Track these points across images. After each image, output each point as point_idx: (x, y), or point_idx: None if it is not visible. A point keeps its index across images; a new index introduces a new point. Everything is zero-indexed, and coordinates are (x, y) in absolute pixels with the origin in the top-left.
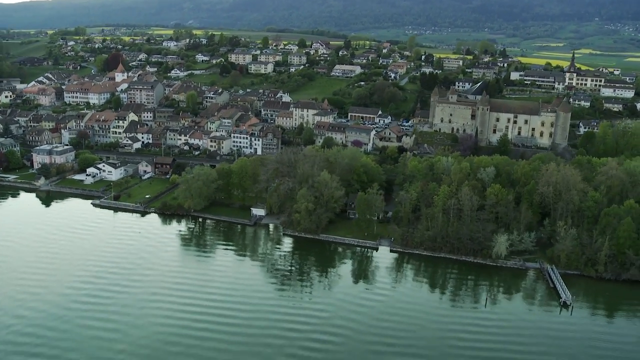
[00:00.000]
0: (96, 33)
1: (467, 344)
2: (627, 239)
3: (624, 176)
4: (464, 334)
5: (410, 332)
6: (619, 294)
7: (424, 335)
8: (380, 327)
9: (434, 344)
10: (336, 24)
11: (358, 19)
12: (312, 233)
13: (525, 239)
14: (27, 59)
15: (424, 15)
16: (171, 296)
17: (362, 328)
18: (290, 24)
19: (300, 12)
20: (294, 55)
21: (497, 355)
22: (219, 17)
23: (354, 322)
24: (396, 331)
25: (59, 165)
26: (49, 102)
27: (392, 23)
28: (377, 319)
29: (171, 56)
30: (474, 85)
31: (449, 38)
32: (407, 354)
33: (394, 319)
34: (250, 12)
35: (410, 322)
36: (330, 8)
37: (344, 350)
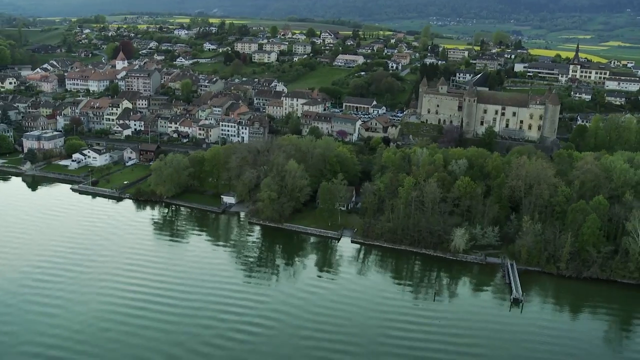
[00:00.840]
0: (119, 21)
1: (402, 335)
2: (591, 236)
3: (599, 171)
4: (401, 327)
5: (347, 321)
6: (575, 292)
7: (358, 326)
8: (316, 316)
9: (365, 335)
10: (360, 14)
11: (382, 9)
12: (275, 222)
13: (489, 233)
14: (41, 46)
15: (449, 6)
16: (119, 276)
17: (298, 316)
18: (314, 13)
19: (324, 1)
20: (299, 44)
21: (430, 348)
22: (244, 6)
23: (292, 310)
24: (332, 318)
25: (47, 150)
26: (51, 89)
27: (416, 14)
28: (315, 308)
29: (180, 44)
30: (475, 76)
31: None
32: (335, 341)
33: (333, 308)
34: (274, 1)
35: (349, 312)
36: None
37: (274, 335)
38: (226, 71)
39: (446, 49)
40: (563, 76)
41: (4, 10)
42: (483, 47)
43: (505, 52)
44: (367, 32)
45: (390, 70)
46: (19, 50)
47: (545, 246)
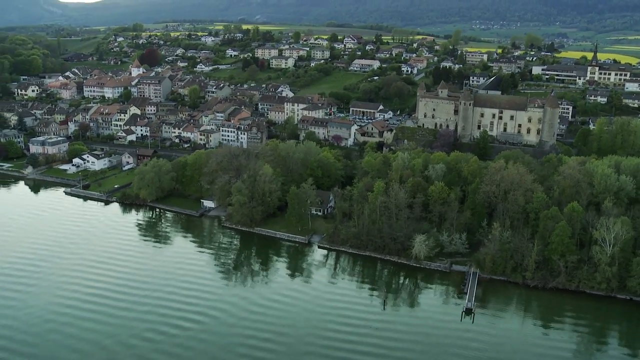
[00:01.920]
0: (160, 29)
1: (335, 339)
2: (559, 245)
3: (581, 177)
4: (338, 332)
5: (282, 321)
6: (536, 303)
7: (291, 328)
8: (251, 321)
9: (295, 337)
10: (402, 19)
11: (425, 13)
12: (247, 226)
13: (456, 240)
14: (74, 55)
15: (492, 9)
16: (81, 272)
17: (234, 314)
18: (356, 18)
19: (366, 6)
20: (318, 50)
21: (364, 352)
22: (286, 12)
23: (231, 308)
24: (269, 317)
25: (50, 155)
26: (69, 96)
27: (459, 17)
28: (255, 307)
29: (205, 51)
30: (489, 79)
31: (516, 33)
32: (264, 340)
33: (273, 308)
34: (316, 6)
35: (289, 318)
36: (396, 3)
37: (206, 331)
38: (242, 77)
39: (464, 52)
40: (581, 78)
41: (56, 21)
42: (505, 50)
43: (527, 55)
44: (396, 37)
45: (404, 75)
46: (51, 59)
47: (512, 254)
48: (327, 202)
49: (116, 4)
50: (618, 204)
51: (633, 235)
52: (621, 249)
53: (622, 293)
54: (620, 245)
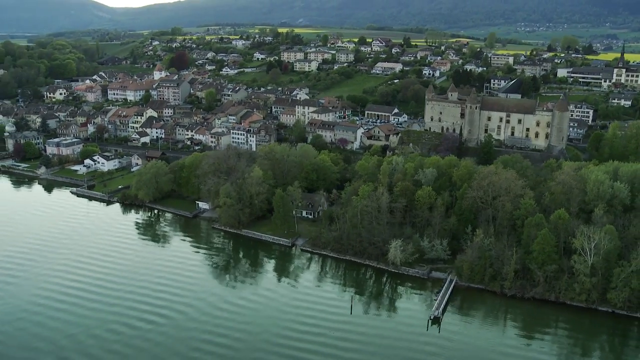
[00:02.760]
0: (201, 32)
1: (290, 345)
2: (541, 253)
3: (575, 183)
4: (296, 337)
5: (245, 326)
6: (511, 313)
7: (252, 332)
8: (215, 317)
9: (253, 339)
10: (445, 22)
11: (468, 15)
12: (234, 228)
13: (437, 246)
14: (110, 58)
15: (539, 11)
16: (64, 265)
17: (198, 315)
18: (399, 21)
19: (409, 9)
20: (343, 52)
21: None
22: (328, 15)
23: (200, 304)
24: (235, 315)
25: (64, 156)
26: (94, 99)
27: (504, 20)
28: (224, 305)
29: (234, 54)
30: (510, 82)
31: (562, 35)
32: (222, 345)
33: (238, 311)
34: (359, 10)
35: (252, 317)
36: (440, 5)
37: (172, 326)
38: (264, 80)
39: (489, 55)
40: (606, 81)
41: (105, 26)
42: (534, 53)
43: (557, 57)
44: (429, 40)
45: (424, 78)
46: (85, 63)
47: (491, 262)
48: (318, 205)
49: (162, 8)
50: (611, 212)
51: (619, 245)
52: (604, 259)
53: (604, 305)
54: (602, 255)
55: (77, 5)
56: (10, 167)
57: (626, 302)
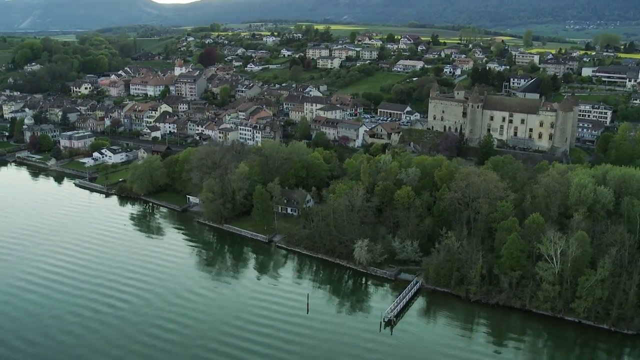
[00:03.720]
0: (244, 29)
1: (233, 341)
2: (509, 258)
3: (558, 186)
4: (242, 333)
5: (193, 320)
6: (472, 318)
7: (198, 326)
8: (170, 308)
9: (200, 335)
10: (492, 19)
11: (515, 13)
12: (217, 222)
13: (407, 247)
14: (143, 54)
15: (589, 8)
16: (46, 250)
17: (156, 303)
18: (444, 19)
19: (455, 7)
20: (367, 50)
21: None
22: (373, 13)
23: (151, 297)
24: (186, 310)
25: (75, 148)
26: (117, 94)
27: (552, 17)
28: (175, 299)
29: (262, 51)
30: (530, 81)
31: (614, 32)
32: (170, 331)
33: (193, 303)
34: (404, 7)
35: (205, 311)
36: (486, 3)
37: (134, 312)
38: (286, 77)
39: (514, 54)
40: (631, 80)
41: (153, 22)
42: (563, 51)
43: (586, 56)
44: (463, 37)
45: (443, 76)
46: (118, 58)
47: (460, 266)
48: (303, 202)
49: (208, 5)
50: (592, 218)
51: (590, 252)
52: (573, 266)
53: (571, 315)
54: (571, 262)
55: (126, 2)
56: (25, 158)
57: (590, 312)
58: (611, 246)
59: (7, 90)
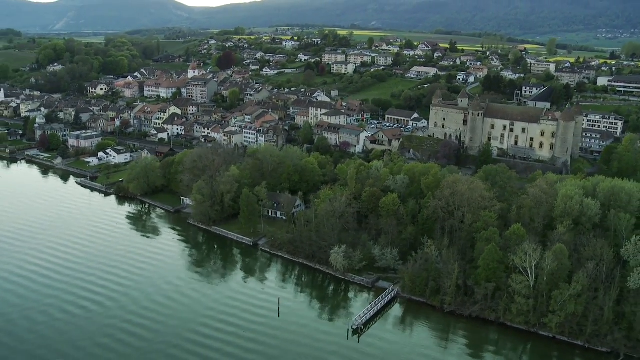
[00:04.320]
0: (270, 33)
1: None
2: (485, 270)
3: (545, 197)
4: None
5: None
6: (444, 329)
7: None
8: (139, 311)
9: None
10: (521, 27)
11: (545, 21)
12: (205, 224)
13: (387, 255)
14: (164, 56)
15: (623, 16)
16: (35, 244)
17: (128, 304)
18: (472, 26)
19: (484, 14)
20: (382, 56)
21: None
22: (402, 19)
23: (121, 297)
24: (152, 313)
25: (81, 148)
26: (131, 95)
27: (583, 26)
28: (151, 301)
29: (280, 55)
30: (542, 89)
31: None
32: (133, 335)
33: (167, 303)
34: (433, 13)
35: (176, 310)
36: (516, 10)
37: (104, 314)
38: (299, 81)
39: (529, 62)
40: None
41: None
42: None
43: (605, 65)
44: (485, 45)
45: (455, 83)
46: (138, 60)
47: (437, 275)
48: (291, 206)
49: (237, 8)
50: (578, 230)
51: (568, 265)
52: (549, 280)
53: (545, 330)
54: (547, 275)
55: (157, 5)
56: (34, 156)
57: (564, 327)
58: (590, 260)
59: (27, 90)
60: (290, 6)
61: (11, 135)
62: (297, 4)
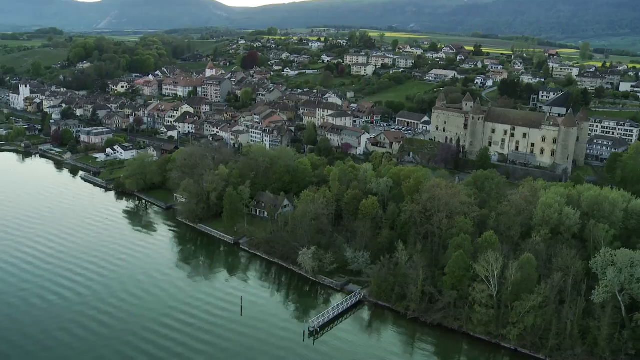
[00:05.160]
0: (304, 33)
1: (155, 338)
2: (451, 277)
3: (526, 205)
4: (165, 331)
5: (116, 320)
6: (402, 336)
7: (124, 323)
8: (98, 304)
9: (118, 333)
10: (563, 31)
11: (589, 25)
12: (192, 221)
13: (358, 258)
14: (192, 55)
15: None
16: (26, 235)
17: (83, 301)
18: (513, 29)
19: (525, 17)
20: (403, 58)
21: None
22: (440, 22)
23: (84, 292)
24: (102, 314)
25: (91, 144)
26: (149, 93)
27: (629, 30)
28: (107, 299)
29: (305, 56)
30: (559, 95)
31: None
32: (88, 329)
33: (125, 302)
34: (472, 16)
35: (130, 310)
36: (558, 14)
37: (77, 302)
38: (317, 82)
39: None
40: None
41: (222, 24)
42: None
43: (633, 70)
44: (516, 49)
45: (471, 87)
46: (166, 58)
47: (405, 281)
48: (277, 206)
49: (276, 9)
50: (558, 240)
51: (535, 276)
52: (513, 291)
53: (507, 341)
54: (511, 286)
55: (198, 4)
56: (46, 151)
57: (525, 340)
58: (557, 272)
59: (54, 87)
60: (330, 7)
61: (30, 130)
62: (336, 5)
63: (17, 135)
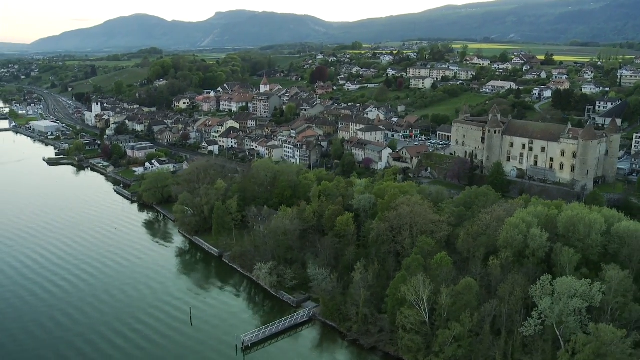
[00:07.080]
0: (395, 47)
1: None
2: (392, 299)
3: (494, 224)
4: (116, 334)
5: (72, 321)
6: (335, 358)
7: (77, 324)
8: (62, 305)
9: (67, 336)
10: None
11: None
12: (189, 233)
13: (318, 275)
14: (267, 71)
15: None
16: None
17: (58, 298)
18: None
19: (637, 21)
20: (463, 70)
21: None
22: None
23: (56, 291)
24: (61, 314)
25: (134, 158)
26: (207, 108)
27: None
28: (79, 304)
29: (373, 70)
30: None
31: None
32: (44, 327)
33: (90, 305)
34: (577, 24)
35: (90, 314)
36: None
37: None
38: (372, 97)
39: (623, 74)
40: None
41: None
42: None
43: None
44: (602, 58)
45: (525, 99)
46: (238, 74)
47: (351, 301)
48: (265, 220)
49: (374, 23)
50: (522, 263)
51: (473, 303)
52: (447, 317)
53: None
54: (444, 311)
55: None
56: (95, 165)
57: None
58: (494, 299)
59: (125, 104)
60: (427, 20)
61: (90, 145)
62: (433, 18)
63: (76, 150)
